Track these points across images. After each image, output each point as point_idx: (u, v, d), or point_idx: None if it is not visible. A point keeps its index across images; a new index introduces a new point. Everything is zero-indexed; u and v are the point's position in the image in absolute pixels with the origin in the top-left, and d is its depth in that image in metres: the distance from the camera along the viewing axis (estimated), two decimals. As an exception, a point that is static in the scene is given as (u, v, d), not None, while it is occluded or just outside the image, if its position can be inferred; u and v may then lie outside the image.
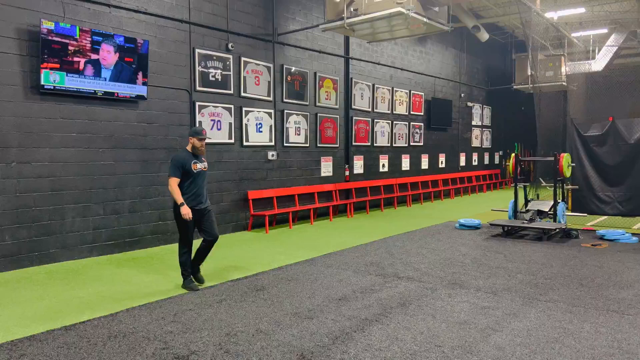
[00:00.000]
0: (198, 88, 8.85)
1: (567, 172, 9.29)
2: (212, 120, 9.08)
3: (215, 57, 9.11)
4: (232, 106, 9.45)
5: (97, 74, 7.23)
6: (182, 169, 5.53)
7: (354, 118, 12.70)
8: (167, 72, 8.38)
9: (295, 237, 9.13)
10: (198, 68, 8.83)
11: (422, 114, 15.61)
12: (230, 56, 9.40)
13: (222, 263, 7.10)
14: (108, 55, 7.30)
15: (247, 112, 9.74)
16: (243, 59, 9.62)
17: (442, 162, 16.93)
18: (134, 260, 7.29)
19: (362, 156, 13.14)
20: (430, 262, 6.97)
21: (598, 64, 16.19)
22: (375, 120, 13.52)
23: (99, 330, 4.40)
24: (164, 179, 8.39)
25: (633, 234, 8.64)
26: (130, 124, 7.90)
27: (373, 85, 13.37)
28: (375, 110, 13.51)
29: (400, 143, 14.67)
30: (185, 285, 5.71)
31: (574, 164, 9.58)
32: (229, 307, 4.99)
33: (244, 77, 9.66)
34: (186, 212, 5.49)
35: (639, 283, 5.82)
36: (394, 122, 14.32)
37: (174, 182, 5.53)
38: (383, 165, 13.99)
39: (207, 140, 8.85)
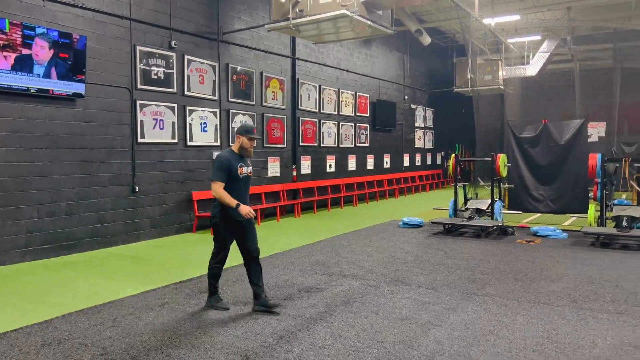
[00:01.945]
0: (139, 86, 8.60)
1: (504, 172, 9.72)
2: (154, 119, 8.85)
3: (157, 55, 8.88)
4: (175, 105, 9.25)
5: (29, 70, 6.88)
6: (228, 171, 4.70)
7: (301, 118, 12.74)
8: (106, 70, 8.10)
9: (241, 238, 9.04)
10: (139, 65, 8.58)
11: (367, 115, 15.86)
12: (174, 54, 9.20)
13: (165, 266, 6.94)
14: (41, 51, 6.96)
15: (191, 111, 9.57)
16: (187, 57, 9.43)
17: (387, 162, 17.28)
18: (71, 265, 7.00)
19: (310, 156, 13.21)
20: (374, 260, 7.10)
21: (532, 69, 17.03)
22: (322, 121, 13.62)
23: (32, 337, 4.19)
24: (104, 179, 8.11)
25: (563, 230, 9.16)
26: (66, 122, 7.58)
27: (319, 86, 13.46)
28: (322, 111, 13.61)
29: (347, 144, 14.85)
30: (212, 304, 4.95)
31: (509, 164, 10.04)
32: (172, 310, 4.89)
33: (188, 76, 9.48)
34: (247, 210, 4.60)
35: (567, 276, 6.17)
36: (341, 123, 14.48)
37: (219, 188, 4.65)
38: (330, 166, 14.11)
39: (149, 140, 8.76)
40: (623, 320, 4.55)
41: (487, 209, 9.69)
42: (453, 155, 10.24)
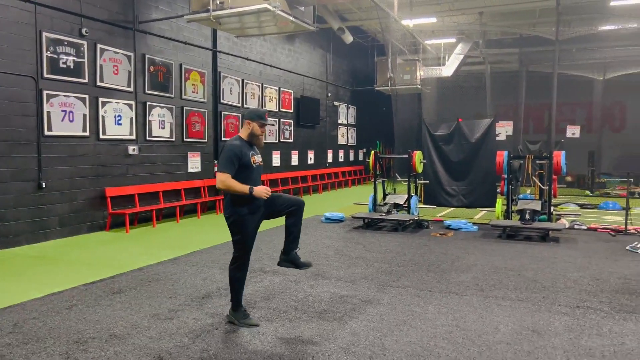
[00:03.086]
0: (46, 75, 8.04)
1: (419, 168, 10.12)
2: (62, 110, 8.32)
3: (66, 43, 8.34)
4: (86, 96, 8.74)
5: None
6: (238, 162, 4.14)
7: (223, 113, 12.50)
8: (7, 56, 7.48)
9: (159, 236, 8.75)
10: (46, 53, 8.01)
11: (291, 111, 15.88)
12: (85, 42, 8.67)
13: (75, 266, 6.56)
14: None
15: (104, 103, 9.08)
16: (99, 45, 8.94)
17: (311, 158, 17.42)
18: (-34, 268, 6.43)
19: (231, 152, 12.97)
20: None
21: (448, 69, 17.86)
22: (244, 116, 13.44)
23: None
24: (5, 175, 7.52)
25: (474, 224, 9.70)
26: (-40, 112, 6.93)
27: (242, 80, 13.28)
28: (245, 105, 13.44)
29: (271, 139, 14.79)
30: (240, 321, 4.32)
31: (425, 161, 10.46)
32: (80, 313, 4.63)
33: (101, 66, 8.99)
34: (262, 190, 4.09)
35: (476, 267, 6.55)
36: (264, 118, 14.35)
37: (227, 179, 4.06)
38: (253, 161, 13.96)
39: (57, 133, 8.22)
40: (523, 307, 4.90)
41: (404, 203, 10.05)
42: (373, 152, 10.51)
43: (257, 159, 4.30)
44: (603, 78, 20.80)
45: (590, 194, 16.13)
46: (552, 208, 9.30)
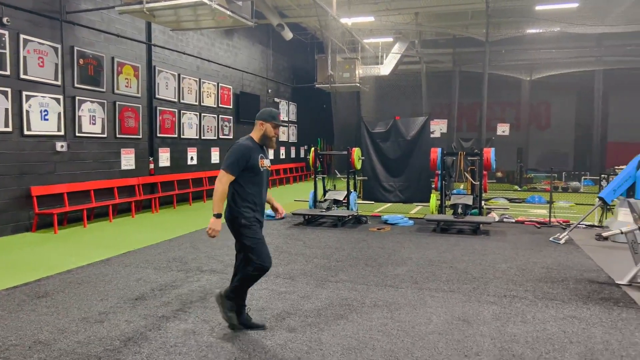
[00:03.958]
0: (-38, 66, 7.49)
1: (358, 165, 10.29)
2: (-19, 104, 7.78)
3: (-15, 31, 7.81)
4: (8, 89, 8.21)
5: None
6: (245, 163, 3.92)
7: (158, 108, 12.13)
8: None
9: (91, 237, 8.38)
10: (-39, 42, 7.46)
11: (230, 107, 15.65)
12: (6, 32, 8.14)
13: (-4, 270, 6.16)
14: None
15: (28, 97, 8.57)
16: (22, 36, 8.42)
17: (251, 155, 17.22)
18: None
19: (168, 148, 12.65)
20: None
21: (385, 68, 18.23)
22: (182, 112, 13.12)
23: None
24: None
25: (410, 218, 9.98)
26: None
27: (179, 75, 12.95)
28: (181, 101, 13.11)
29: (210, 136, 14.51)
30: (227, 312, 4.10)
31: (363, 158, 10.65)
32: (1, 319, 4.36)
33: (24, 57, 8.47)
34: (216, 227, 3.89)
35: (411, 260, 6.74)
36: (202, 114, 14.09)
37: (225, 180, 3.86)
38: (192, 158, 13.68)
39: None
40: (455, 297, 5.09)
41: (344, 199, 10.18)
42: (313, 148, 10.57)
43: (265, 162, 4.12)
44: (530, 79, 21.98)
45: (519, 189, 17.02)
46: (482, 202, 9.73)
